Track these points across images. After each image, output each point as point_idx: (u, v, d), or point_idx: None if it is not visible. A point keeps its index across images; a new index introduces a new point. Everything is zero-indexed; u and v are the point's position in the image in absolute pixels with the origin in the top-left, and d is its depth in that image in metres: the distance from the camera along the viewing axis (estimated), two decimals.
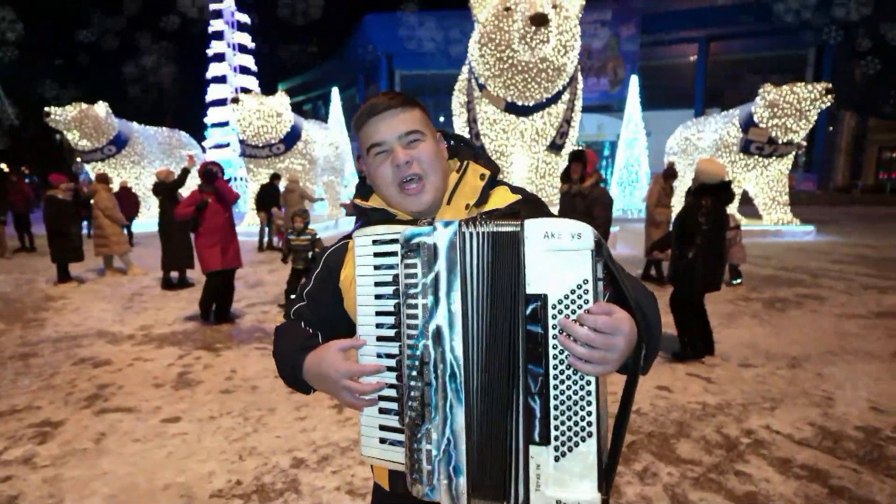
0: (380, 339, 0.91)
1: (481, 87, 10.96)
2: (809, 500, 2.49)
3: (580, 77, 11.65)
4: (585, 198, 5.37)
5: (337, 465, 2.82)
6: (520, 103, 10.65)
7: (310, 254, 5.94)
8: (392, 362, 0.90)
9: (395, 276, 0.88)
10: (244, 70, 29.10)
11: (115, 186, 11.69)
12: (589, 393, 0.77)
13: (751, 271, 8.03)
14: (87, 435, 3.19)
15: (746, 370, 4.17)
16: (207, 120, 28.64)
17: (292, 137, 13.84)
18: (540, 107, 10.80)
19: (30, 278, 8.42)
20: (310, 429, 3.25)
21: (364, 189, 1.18)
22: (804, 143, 12.88)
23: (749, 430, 3.19)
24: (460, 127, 12.42)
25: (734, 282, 7.22)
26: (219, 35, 28.36)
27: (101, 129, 14.90)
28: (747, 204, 14.80)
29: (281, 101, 13.42)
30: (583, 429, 0.78)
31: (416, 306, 0.83)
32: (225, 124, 27.27)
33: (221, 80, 28.43)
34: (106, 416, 3.45)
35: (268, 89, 20.93)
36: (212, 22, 28.26)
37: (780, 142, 12.32)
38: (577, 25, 10.29)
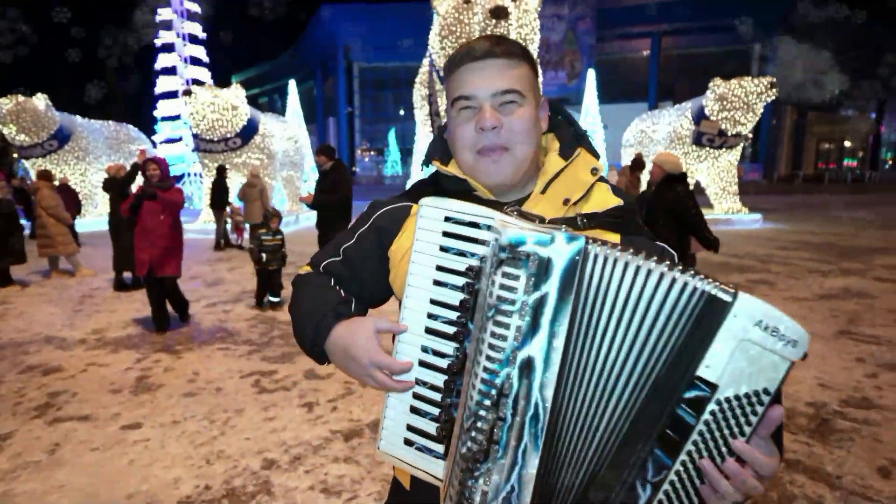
0: (429, 331, 0.79)
1: (442, 80, 10.94)
2: None
3: (539, 71, 11.80)
4: None
5: (310, 465, 2.77)
6: None
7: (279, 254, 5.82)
8: (441, 363, 0.78)
9: (470, 268, 0.75)
10: (195, 61, 27.97)
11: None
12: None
13: (704, 258, 8.35)
14: (40, 446, 3.03)
15: None
16: (157, 113, 27.42)
17: (249, 131, 13.44)
18: None
19: None
20: (279, 429, 3.18)
21: (442, 146, 0.99)
22: (750, 135, 13.49)
23: None
24: (421, 120, 12.38)
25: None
26: (167, 25, 27.14)
27: (40, 122, 14.04)
28: (699, 193, 15.37)
29: (236, 93, 13.00)
30: None
31: (506, 325, 0.67)
32: (176, 118, 26.17)
33: (171, 71, 27.25)
34: (60, 426, 3.28)
35: (221, 82, 20.21)
36: (160, 11, 27.01)
37: (729, 134, 12.85)
38: (536, 19, 10.41)
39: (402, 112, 39.54)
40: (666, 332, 0.65)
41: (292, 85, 20.96)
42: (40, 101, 13.95)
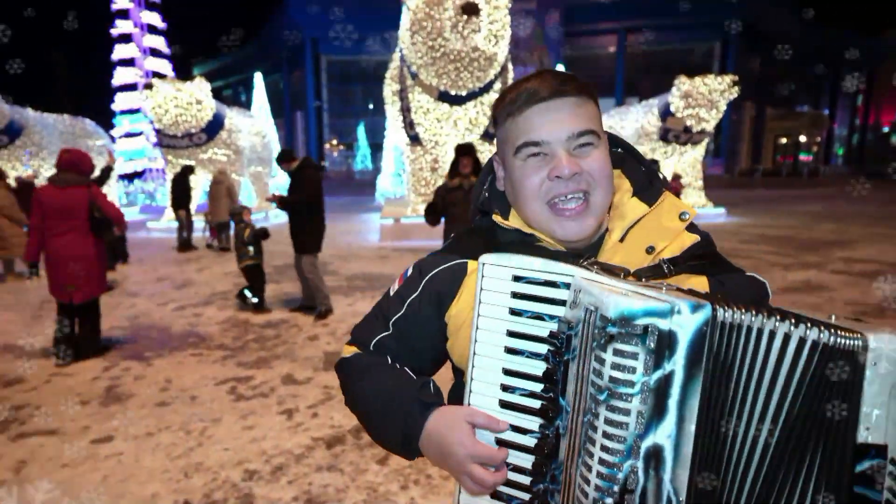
0: (506, 405, 0.71)
1: (414, 76, 10.86)
2: None
3: (510, 67, 11.84)
4: (468, 192, 5.07)
5: (292, 475, 2.73)
6: (453, 92, 10.67)
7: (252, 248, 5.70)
8: (524, 440, 0.70)
9: (553, 335, 0.67)
10: (155, 52, 26.98)
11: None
12: None
13: None
14: (5, 464, 2.88)
15: None
16: (115, 107, 26.36)
17: (215, 126, 13.08)
18: (473, 96, 10.89)
19: None
20: (259, 438, 3.12)
21: (499, 198, 0.91)
22: (713, 131, 13.93)
23: None
24: (393, 116, 12.28)
25: None
26: (124, 14, 26.07)
27: None
28: None
29: (200, 86, 12.60)
30: None
31: (625, 411, 0.58)
32: (135, 111, 25.24)
33: (129, 63, 26.22)
34: (25, 442, 3.13)
35: (182, 73, 19.56)
36: None
37: (694, 130, 13.21)
38: (507, 15, 10.42)
39: (371, 106, 39.13)
40: (807, 403, 0.58)
41: (258, 78, 20.48)
42: None
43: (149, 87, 12.27)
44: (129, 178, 24.88)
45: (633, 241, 0.83)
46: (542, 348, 0.68)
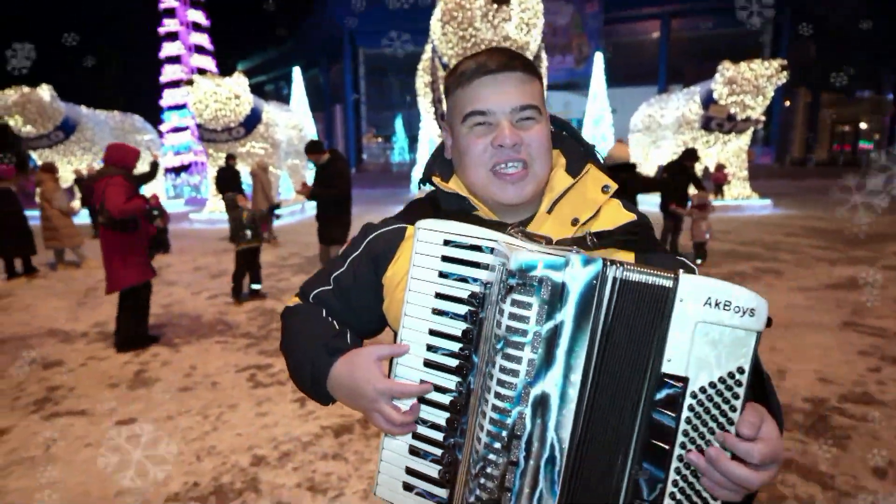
0: (429, 364, 0.73)
1: (445, 67, 10.82)
2: None
3: (544, 55, 11.63)
4: None
5: (298, 462, 2.78)
6: None
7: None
8: (443, 398, 0.72)
9: (473, 295, 0.70)
10: (200, 49, 27.91)
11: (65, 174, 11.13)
12: None
13: (711, 246, 8.24)
14: (36, 442, 3.06)
15: None
16: (163, 102, 27.48)
17: (252, 120, 13.43)
18: None
19: None
20: (271, 424, 3.19)
21: (444, 165, 0.94)
22: (762, 119, 13.20)
23: None
24: (426, 108, 12.28)
25: (697, 261, 7.40)
26: (171, 12, 27.06)
27: (45, 114, 14.13)
28: (705, 179, 15.15)
29: (238, 82, 12.96)
30: None
31: (517, 359, 0.62)
32: (182, 107, 26.24)
33: (176, 60, 27.22)
34: (56, 421, 3.31)
35: (226, 69, 20.17)
36: None
37: (738, 118, 12.61)
38: (539, 3, 10.22)
39: (407, 98, 39.30)
40: (640, 337, 0.63)
41: (297, 73, 20.86)
42: (45, 91, 14.01)
43: (189, 83, 12.70)
44: (176, 171, 25.94)
45: (559, 213, 0.85)
46: (464, 309, 0.71)
